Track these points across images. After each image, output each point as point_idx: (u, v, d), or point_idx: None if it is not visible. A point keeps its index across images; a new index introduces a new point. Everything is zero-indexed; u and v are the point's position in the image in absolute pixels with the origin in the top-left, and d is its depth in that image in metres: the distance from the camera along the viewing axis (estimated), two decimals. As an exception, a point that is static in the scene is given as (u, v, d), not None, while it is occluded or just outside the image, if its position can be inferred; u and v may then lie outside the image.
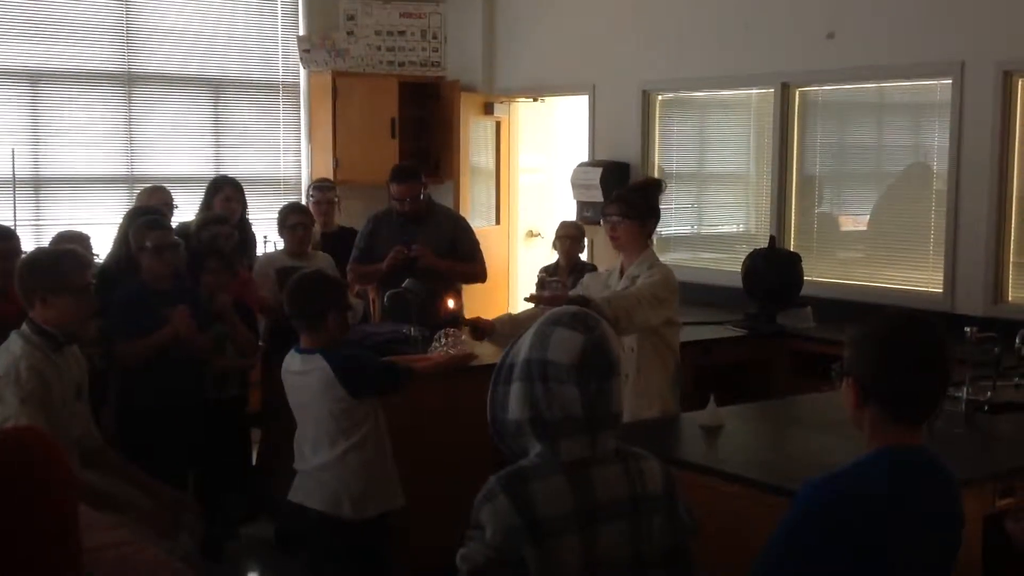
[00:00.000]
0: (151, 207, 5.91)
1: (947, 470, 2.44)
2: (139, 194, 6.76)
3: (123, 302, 4.94)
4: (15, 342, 3.65)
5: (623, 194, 4.76)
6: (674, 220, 8.15)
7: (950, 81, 6.24)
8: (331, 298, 4.09)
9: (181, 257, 5.17)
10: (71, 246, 4.17)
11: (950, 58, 6.22)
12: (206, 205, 6.67)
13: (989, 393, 4.20)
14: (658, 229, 7.88)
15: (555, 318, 2.28)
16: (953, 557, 2.44)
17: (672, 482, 2.36)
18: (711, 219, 8.20)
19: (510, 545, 2.13)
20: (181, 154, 8.48)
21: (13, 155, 7.52)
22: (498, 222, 9.17)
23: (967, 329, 4.23)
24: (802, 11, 6.94)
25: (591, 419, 2.23)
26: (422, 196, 6.18)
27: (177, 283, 5.08)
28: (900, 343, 2.34)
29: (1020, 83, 6.03)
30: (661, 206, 7.86)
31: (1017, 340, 4.40)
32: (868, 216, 7.04)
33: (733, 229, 8.02)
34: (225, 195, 6.64)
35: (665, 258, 7.83)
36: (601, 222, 4.85)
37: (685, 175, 8.12)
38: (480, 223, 8.77)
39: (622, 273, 4.71)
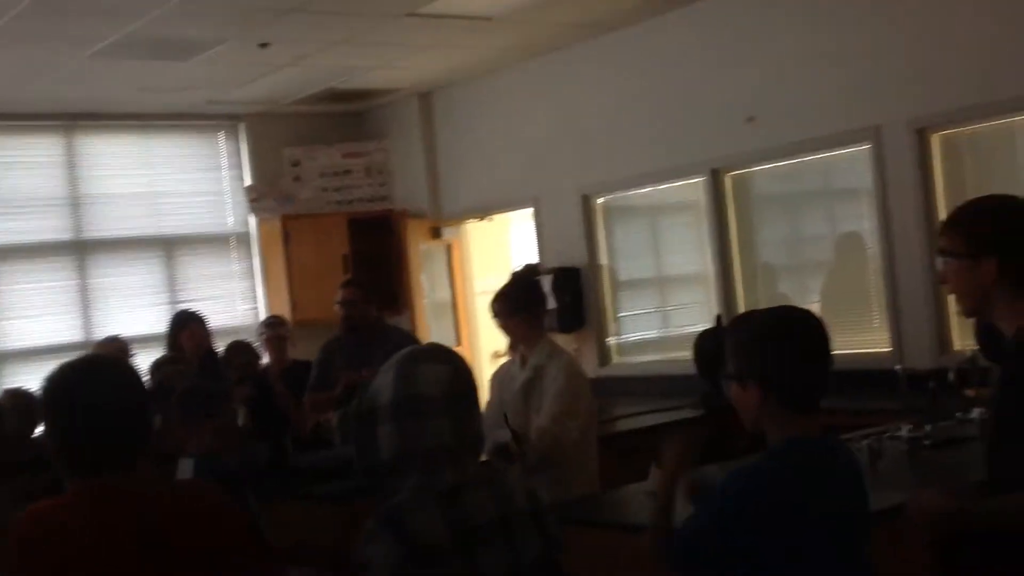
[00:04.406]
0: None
1: (851, 454, 2.60)
2: (95, 346, 6.83)
3: None
4: None
5: (500, 292, 4.76)
6: (632, 323, 8.23)
7: (869, 146, 6.42)
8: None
9: None
10: None
11: (866, 124, 6.40)
12: (171, 343, 6.70)
13: (928, 427, 4.23)
14: (623, 335, 8.12)
15: (413, 356, 2.37)
16: (865, 535, 2.55)
17: (537, 498, 2.44)
18: (669, 317, 8.24)
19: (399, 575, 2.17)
20: (138, 314, 8.55)
21: (-31, 331, 7.60)
22: (459, 343, 9.23)
23: (897, 368, 4.28)
24: (723, 99, 7.14)
25: (461, 446, 2.31)
26: (366, 307, 6.24)
27: None
28: (793, 337, 2.48)
29: (934, 139, 6.20)
30: (623, 313, 8.12)
31: (951, 375, 4.45)
32: (814, 290, 7.12)
33: (691, 323, 8.06)
34: (190, 331, 6.70)
35: (630, 361, 7.98)
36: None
37: (638, 278, 8.23)
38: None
39: (524, 361, 4.70)
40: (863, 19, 6.44)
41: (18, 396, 5.22)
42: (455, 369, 2.34)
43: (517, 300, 4.69)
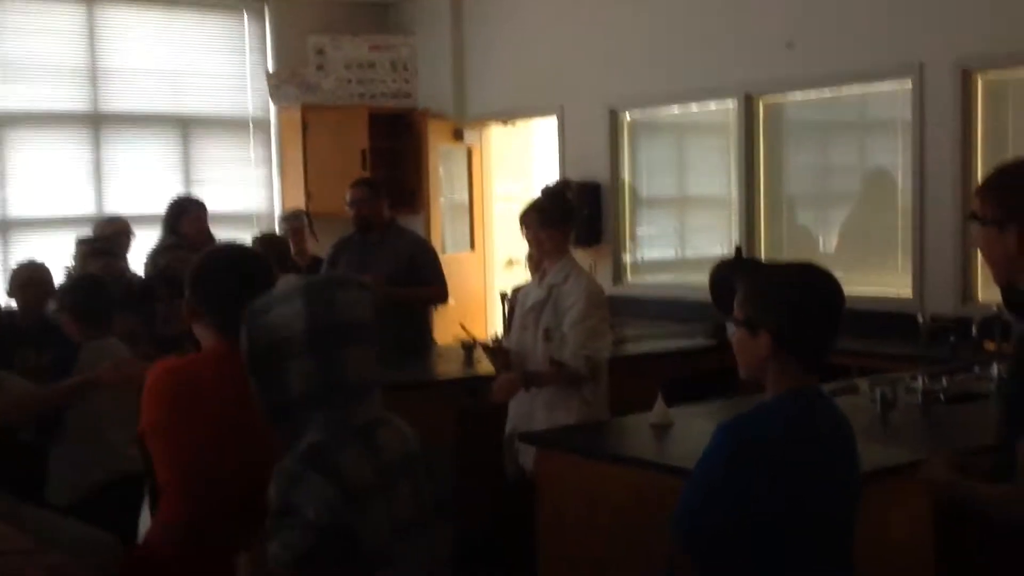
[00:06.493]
0: (96, 237, 5.87)
1: (842, 412, 2.54)
2: (95, 225, 6.70)
3: None
4: None
5: (534, 203, 4.67)
6: (649, 242, 8.10)
7: (910, 82, 6.20)
8: None
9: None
10: None
11: (909, 60, 6.18)
12: (170, 228, 6.48)
13: (944, 381, 4.11)
14: (639, 254, 8.00)
15: (322, 283, 2.20)
16: (858, 482, 2.51)
17: (418, 439, 2.36)
18: (687, 239, 8.12)
19: (334, 517, 2.03)
20: (150, 193, 8.40)
21: (-21, 197, 7.50)
22: (473, 248, 9.10)
23: (919, 318, 4.14)
24: (762, 22, 6.92)
25: (377, 378, 2.20)
26: (376, 207, 6.12)
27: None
28: (816, 293, 2.42)
29: (978, 80, 5.99)
30: (641, 231, 8.00)
31: (974, 330, 4.32)
32: (838, 224, 6.97)
33: (708, 247, 7.93)
34: (193, 215, 6.47)
35: (644, 281, 7.86)
36: (522, 233, 4.71)
37: (659, 197, 8.07)
38: (454, 250, 8.74)
39: (542, 279, 4.62)
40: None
41: (33, 269, 5.12)
42: (371, 296, 2.18)
43: (551, 213, 4.58)
